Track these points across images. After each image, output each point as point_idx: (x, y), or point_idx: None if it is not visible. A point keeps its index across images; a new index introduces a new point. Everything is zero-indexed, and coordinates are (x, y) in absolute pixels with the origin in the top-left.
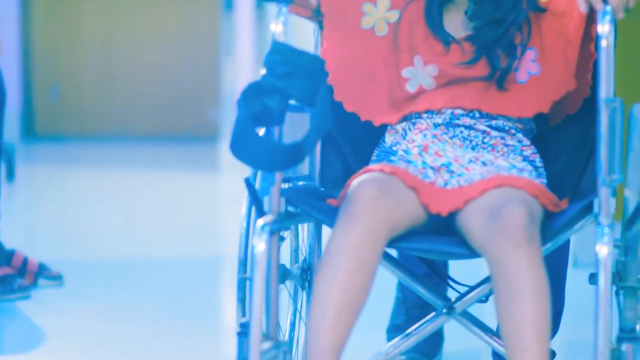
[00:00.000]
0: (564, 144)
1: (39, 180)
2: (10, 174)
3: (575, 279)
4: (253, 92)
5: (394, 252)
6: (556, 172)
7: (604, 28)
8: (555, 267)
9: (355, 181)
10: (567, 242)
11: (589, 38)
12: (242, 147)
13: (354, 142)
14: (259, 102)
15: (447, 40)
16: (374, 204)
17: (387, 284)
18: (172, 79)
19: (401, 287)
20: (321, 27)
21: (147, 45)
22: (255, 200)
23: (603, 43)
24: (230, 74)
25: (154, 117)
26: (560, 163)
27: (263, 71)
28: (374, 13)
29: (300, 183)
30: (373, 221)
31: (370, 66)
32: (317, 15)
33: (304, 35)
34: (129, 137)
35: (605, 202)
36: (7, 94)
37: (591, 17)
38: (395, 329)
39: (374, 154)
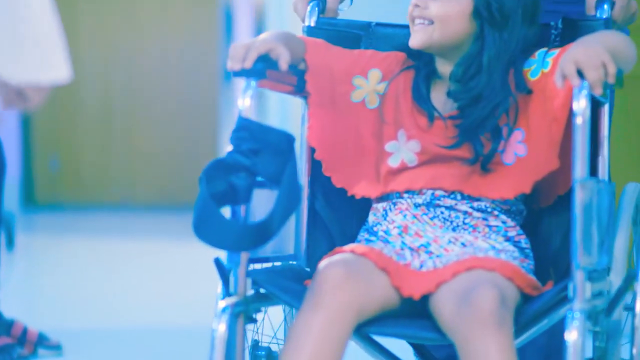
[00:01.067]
0: (557, 225)
1: (39, 249)
2: (10, 243)
3: None
4: (217, 170)
5: None
6: (549, 255)
7: (579, 104)
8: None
9: (323, 263)
10: None
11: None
12: (204, 228)
13: (340, 221)
14: (224, 180)
15: (431, 114)
16: (341, 286)
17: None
18: (171, 150)
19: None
20: (306, 102)
21: (146, 117)
22: (224, 281)
23: (578, 120)
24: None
25: (153, 186)
26: (553, 245)
27: (229, 148)
28: (365, 86)
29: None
30: (339, 304)
31: (360, 140)
32: (298, 91)
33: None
34: (129, 206)
35: (580, 286)
36: (7, 163)
37: None
38: None
39: (360, 234)
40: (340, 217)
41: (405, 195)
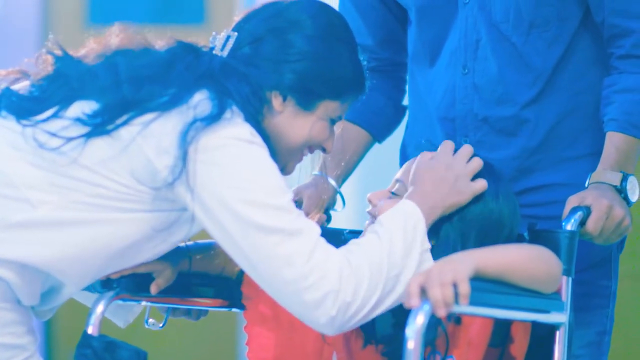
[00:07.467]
0: None
1: None
2: None
3: None
4: None
5: None
6: None
7: (413, 327)
8: None
9: None
10: None
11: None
12: None
13: None
14: None
15: (368, 338)
16: None
17: None
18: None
19: None
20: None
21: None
22: None
23: (409, 345)
24: None
25: None
26: None
27: None
28: None
29: None
30: None
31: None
32: (233, 305)
33: None
34: None
35: None
36: None
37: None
38: None
39: None
40: None
41: None
